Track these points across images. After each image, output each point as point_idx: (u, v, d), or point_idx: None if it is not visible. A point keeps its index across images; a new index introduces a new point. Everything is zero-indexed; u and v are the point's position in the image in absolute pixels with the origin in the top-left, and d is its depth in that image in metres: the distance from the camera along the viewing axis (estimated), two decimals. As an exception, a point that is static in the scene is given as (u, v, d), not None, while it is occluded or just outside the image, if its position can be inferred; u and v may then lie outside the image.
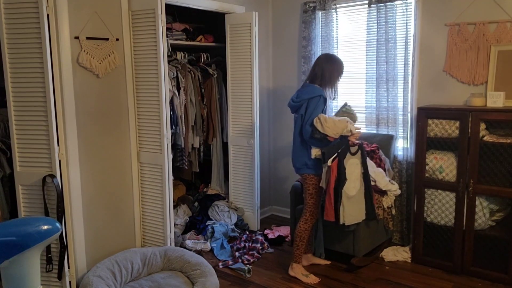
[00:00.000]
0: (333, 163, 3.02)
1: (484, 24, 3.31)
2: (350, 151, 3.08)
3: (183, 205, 4.28)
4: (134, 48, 3.27)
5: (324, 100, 3.08)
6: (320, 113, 3.04)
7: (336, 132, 3.00)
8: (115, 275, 2.93)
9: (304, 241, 3.25)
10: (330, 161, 3.02)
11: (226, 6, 4.11)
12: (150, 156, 3.34)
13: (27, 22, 2.64)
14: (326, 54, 3.30)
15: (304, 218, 3.22)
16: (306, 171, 3.17)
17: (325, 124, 2.98)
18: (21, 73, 2.70)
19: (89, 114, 3.05)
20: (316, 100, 3.04)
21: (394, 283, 3.20)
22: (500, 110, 3.07)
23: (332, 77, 3.13)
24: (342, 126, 3.01)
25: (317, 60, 3.20)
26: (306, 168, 3.16)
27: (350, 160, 3.08)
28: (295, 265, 3.31)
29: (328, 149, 3.04)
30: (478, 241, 3.24)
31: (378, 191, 3.42)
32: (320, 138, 3.02)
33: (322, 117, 3.00)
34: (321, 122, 2.99)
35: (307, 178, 3.18)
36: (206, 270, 2.99)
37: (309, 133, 3.05)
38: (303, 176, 3.21)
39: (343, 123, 3.03)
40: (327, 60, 3.16)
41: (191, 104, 4.16)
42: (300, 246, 3.26)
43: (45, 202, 2.76)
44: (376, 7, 3.75)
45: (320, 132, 3.00)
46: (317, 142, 3.07)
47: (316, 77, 3.14)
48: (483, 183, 3.16)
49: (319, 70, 3.12)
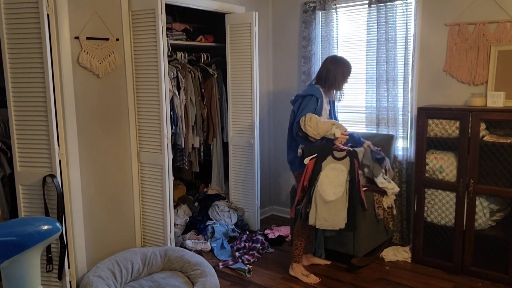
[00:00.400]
0: (310, 162, 3.02)
1: (484, 24, 3.31)
2: (333, 155, 3.03)
3: (183, 205, 4.28)
4: (134, 48, 3.28)
5: (316, 100, 3.07)
6: (309, 112, 3.03)
7: (317, 133, 2.99)
8: (115, 275, 2.93)
9: (301, 240, 3.24)
10: (308, 159, 3.02)
11: (226, 6, 4.11)
12: (150, 156, 3.34)
13: (27, 22, 2.64)
14: (333, 55, 3.31)
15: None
16: (295, 168, 3.21)
17: (307, 123, 2.97)
18: (21, 73, 2.70)
19: (89, 114, 3.06)
20: (307, 99, 3.06)
21: (394, 283, 3.20)
22: (500, 110, 3.07)
23: (336, 79, 3.12)
24: (324, 128, 3.00)
25: (324, 61, 3.22)
26: (294, 165, 3.20)
27: (332, 164, 3.02)
28: (295, 265, 3.31)
29: (309, 148, 3.04)
30: (478, 241, 3.23)
31: (378, 191, 3.42)
32: (302, 136, 3.04)
33: (308, 116, 2.99)
34: (305, 121, 2.99)
35: (297, 177, 3.20)
36: (206, 270, 2.99)
37: (296, 130, 3.07)
38: (293, 173, 3.26)
39: (327, 125, 3.01)
40: (332, 62, 3.16)
41: (191, 104, 4.16)
42: (298, 246, 3.25)
43: (45, 202, 2.76)
44: (376, 7, 3.75)
45: (303, 131, 3.01)
46: (302, 140, 3.09)
47: (321, 78, 3.15)
48: (483, 183, 3.16)
49: (324, 71, 3.14)
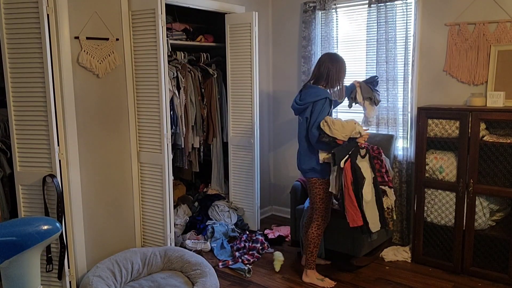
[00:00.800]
0: (346, 164, 2.87)
1: (484, 24, 3.31)
2: (360, 153, 2.96)
3: (183, 205, 4.28)
4: (134, 48, 3.28)
5: (330, 102, 2.98)
6: (326, 116, 2.95)
7: (345, 134, 2.90)
8: (115, 275, 2.93)
9: (318, 247, 3.17)
10: (343, 162, 2.87)
11: (226, 6, 4.11)
12: (150, 156, 3.34)
13: (27, 22, 2.64)
14: (328, 53, 3.18)
15: (317, 223, 3.13)
16: (315, 175, 3.06)
17: (333, 127, 2.87)
18: (21, 73, 2.70)
19: (89, 114, 3.06)
20: (321, 102, 2.94)
21: (394, 283, 3.20)
22: (500, 110, 3.07)
23: (339, 77, 3.04)
24: (350, 128, 2.91)
25: (321, 60, 3.07)
26: (314, 172, 3.05)
27: (360, 163, 2.96)
28: (309, 271, 3.21)
29: (338, 150, 2.90)
30: (478, 241, 3.24)
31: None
32: (329, 141, 2.91)
33: (329, 120, 2.89)
34: (328, 125, 2.88)
35: (316, 183, 3.08)
36: (206, 270, 2.99)
37: (316, 137, 2.94)
38: (311, 180, 3.09)
39: (351, 124, 2.93)
40: (332, 59, 3.04)
41: (191, 104, 4.16)
42: (314, 252, 3.17)
43: (45, 202, 2.76)
44: (376, 7, 3.75)
45: (329, 136, 2.89)
46: (324, 146, 2.96)
47: (322, 77, 3.03)
48: (483, 183, 3.17)
49: (325, 70, 3.01)
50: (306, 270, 3.24)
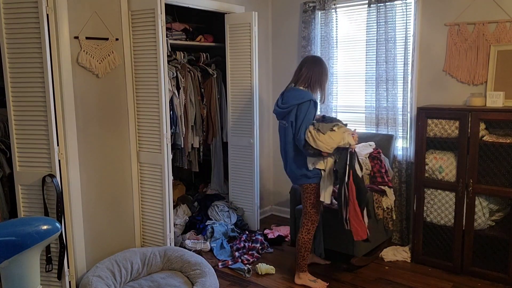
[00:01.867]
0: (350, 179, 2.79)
1: (484, 24, 3.31)
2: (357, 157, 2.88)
3: (183, 205, 4.28)
4: (133, 48, 3.27)
5: (315, 104, 2.93)
6: (312, 118, 2.90)
7: (331, 146, 2.83)
8: (115, 275, 2.93)
9: (309, 250, 3.16)
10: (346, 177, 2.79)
11: (226, 6, 4.11)
12: (150, 156, 3.34)
13: (27, 22, 2.63)
14: (313, 56, 3.14)
15: (306, 228, 3.11)
16: (307, 181, 3.02)
17: (317, 139, 2.81)
18: (20, 73, 2.70)
19: (89, 114, 3.05)
20: (306, 105, 2.87)
21: (394, 283, 3.20)
22: (500, 110, 3.07)
23: (321, 80, 2.99)
24: (338, 139, 2.83)
25: (304, 62, 3.03)
26: (306, 178, 3.01)
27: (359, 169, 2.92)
28: (302, 274, 3.20)
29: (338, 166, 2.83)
30: (477, 241, 3.24)
31: (378, 190, 3.42)
32: (314, 153, 2.88)
33: (313, 132, 2.82)
34: (313, 136, 2.81)
35: (308, 188, 3.04)
36: (205, 270, 2.99)
37: (303, 141, 2.87)
38: (303, 186, 3.07)
39: (340, 135, 2.84)
40: (315, 62, 3.01)
41: (191, 104, 4.16)
42: (305, 256, 3.16)
43: (45, 202, 2.76)
44: (375, 7, 3.75)
45: (313, 148, 2.84)
46: (313, 155, 2.93)
47: (303, 79, 2.97)
48: (482, 183, 3.17)
49: (309, 73, 2.96)
50: (298, 273, 3.22)
